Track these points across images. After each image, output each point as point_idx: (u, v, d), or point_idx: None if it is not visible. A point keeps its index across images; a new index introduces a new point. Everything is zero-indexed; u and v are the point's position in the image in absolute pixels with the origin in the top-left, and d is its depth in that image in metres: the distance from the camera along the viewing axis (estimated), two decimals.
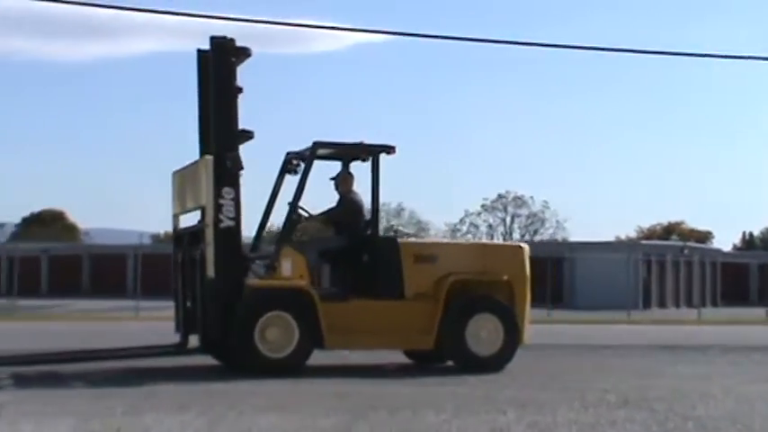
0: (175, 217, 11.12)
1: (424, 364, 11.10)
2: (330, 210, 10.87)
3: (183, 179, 10.88)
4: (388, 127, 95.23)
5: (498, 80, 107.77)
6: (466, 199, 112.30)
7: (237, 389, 8.68)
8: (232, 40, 10.21)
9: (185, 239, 10.78)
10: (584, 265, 43.22)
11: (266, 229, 11.62)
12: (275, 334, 9.90)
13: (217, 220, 9.98)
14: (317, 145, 10.51)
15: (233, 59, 10.17)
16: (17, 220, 64.76)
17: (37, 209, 65.96)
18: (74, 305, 33.12)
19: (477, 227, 70.67)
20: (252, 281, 10.18)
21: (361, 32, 43.17)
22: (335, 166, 11.15)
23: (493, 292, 10.73)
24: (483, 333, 10.51)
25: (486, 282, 10.75)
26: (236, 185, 10.11)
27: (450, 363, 10.80)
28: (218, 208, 9.99)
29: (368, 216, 10.98)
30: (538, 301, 35.31)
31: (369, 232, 10.74)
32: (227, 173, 10.06)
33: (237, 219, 10.08)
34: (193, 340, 10.53)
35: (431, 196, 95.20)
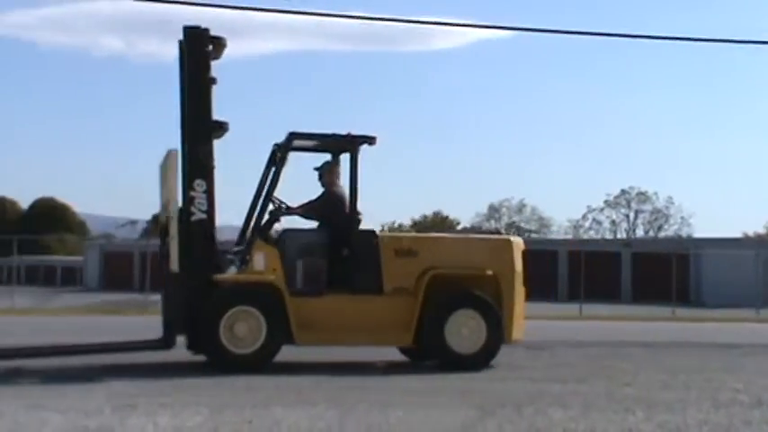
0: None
1: (417, 361, 10.77)
2: (310, 202, 10.58)
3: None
4: (510, 123, 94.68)
5: (623, 74, 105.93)
6: (589, 195, 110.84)
7: (359, 383, 8.78)
8: (206, 30, 10.02)
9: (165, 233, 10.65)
10: (710, 262, 42.15)
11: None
12: (243, 329, 9.69)
13: (189, 213, 9.89)
14: (292, 136, 10.25)
15: (207, 49, 10.03)
16: (149, 217, 66.59)
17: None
18: None
19: (599, 223, 69.89)
20: (218, 275, 9.91)
21: (483, 29, 43.08)
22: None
23: (476, 287, 10.27)
24: (464, 330, 10.10)
25: (469, 276, 10.30)
26: (208, 177, 9.93)
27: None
28: (189, 200, 9.90)
29: (353, 209, 10.47)
30: (662, 299, 34.78)
31: (349, 226, 10.34)
32: (199, 165, 9.94)
33: (210, 211, 9.92)
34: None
35: (553, 192, 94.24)
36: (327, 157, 10.84)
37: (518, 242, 10.86)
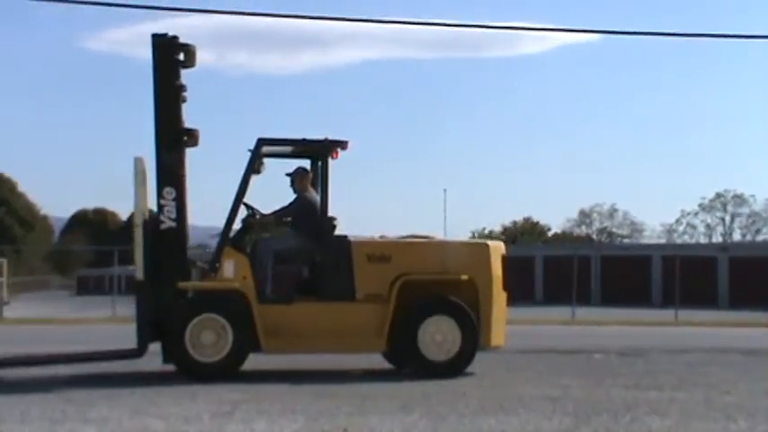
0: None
1: (404, 368, 10.44)
2: (282, 208, 10.50)
3: None
4: (600, 127, 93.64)
5: (713, 75, 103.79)
6: (682, 198, 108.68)
7: (451, 390, 8.78)
8: (175, 38, 10.02)
9: None
10: None
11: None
12: (209, 338, 9.65)
13: (158, 221, 9.89)
14: (261, 142, 10.12)
15: (177, 58, 10.05)
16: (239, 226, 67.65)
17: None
18: None
19: (694, 227, 68.48)
20: (183, 283, 9.83)
21: (569, 32, 42.83)
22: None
23: (450, 292, 10.08)
24: (438, 336, 9.94)
25: (442, 282, 10.14)
26: (178, 185, 9.93)
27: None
28: (159, 208, 9.90)
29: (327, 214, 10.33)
30: (762, 304, 33.81)
31: (321, 232, 10.20)
32: (168, 172, 9.90)
33: (180, 219, 9.90)
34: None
35: (645, 197, 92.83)
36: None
37: (497, 246, 10.64)
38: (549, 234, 69.56)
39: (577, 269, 29.14)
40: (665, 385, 9.37)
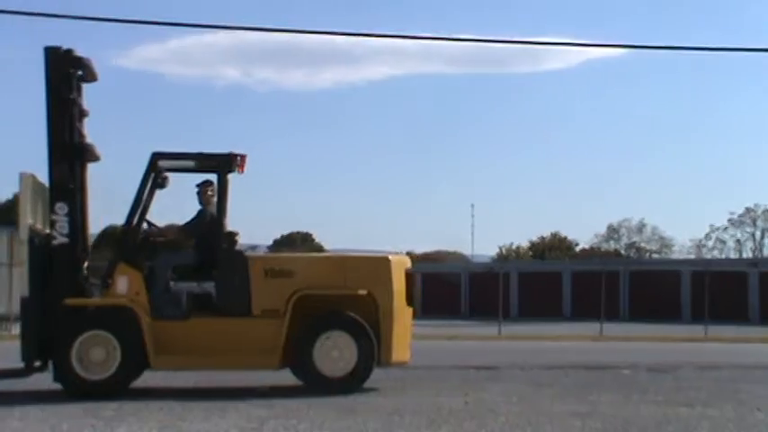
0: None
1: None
2: (186, 224, 10.40)
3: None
4: (628, 141, 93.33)
5: (742, 89, 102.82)
6: (712, 214, 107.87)
7: (479, 406, 8.75)
8: (69, 51, 9.94)
9: None
10: None
11: None
12: (97, 354, 9.51)
13: (50, 237, 9.82)
14: (155, 156, 9.98)
15: (69, 71, 9.95)
16: (269, 242, 68.04)
17: (287, 231, 69.08)
18: None
19: (723, 242, 67.97)
20: (70, 299, 9.63)
21: (591, 47, 42.82)
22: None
23: (348, 307, 9.91)
24: (334, 352, 9.77)
25: (340, 297, 9.95)
26: (71, 200, 9.84)
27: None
28: (51, 224, 9.83)
29: (226, 228, 10.18)
30: None
31: (220, 247, 10.05)
32: (59, 188, 9.82)
33: (73, 235, 9.80)
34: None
35: (675, 211, 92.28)
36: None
37: (399, 260, 10.44)
38: (577, 249, 69.27)
39: (606, 285, 29.01)
40: (696, 402, 9.30)
